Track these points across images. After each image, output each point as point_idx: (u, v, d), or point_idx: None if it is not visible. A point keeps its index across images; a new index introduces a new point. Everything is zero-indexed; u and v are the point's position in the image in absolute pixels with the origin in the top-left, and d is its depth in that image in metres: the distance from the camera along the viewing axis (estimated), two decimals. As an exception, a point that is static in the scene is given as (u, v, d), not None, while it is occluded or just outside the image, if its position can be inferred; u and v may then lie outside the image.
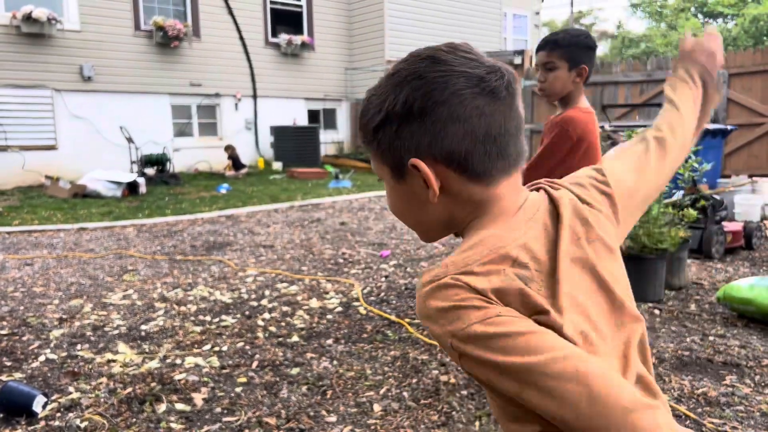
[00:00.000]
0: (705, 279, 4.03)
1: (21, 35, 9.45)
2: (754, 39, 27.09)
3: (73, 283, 4.19)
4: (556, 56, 2.08)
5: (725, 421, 2.16)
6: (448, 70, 0.75)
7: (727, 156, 7.87)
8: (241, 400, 2.38)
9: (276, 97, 12.56)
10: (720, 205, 4.73)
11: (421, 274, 0.74)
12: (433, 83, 0.75)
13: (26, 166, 9.55)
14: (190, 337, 3.09)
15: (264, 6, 12.29)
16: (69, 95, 10.03)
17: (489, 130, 0.74)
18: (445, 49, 0.77)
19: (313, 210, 7.42)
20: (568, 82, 2.10)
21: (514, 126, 0.77)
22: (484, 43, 14.23)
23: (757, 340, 2.92)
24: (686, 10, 33.97)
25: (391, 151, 0.78)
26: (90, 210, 7.30)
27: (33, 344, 3.03)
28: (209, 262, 4.75)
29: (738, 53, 8.08)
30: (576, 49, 2.08)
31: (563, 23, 36.86)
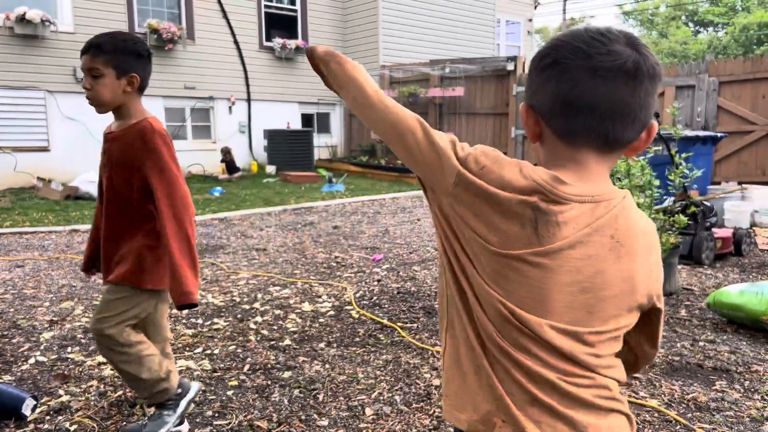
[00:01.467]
0: (695, 285, 4.07)
1: (14, 36, 9.40)
2: (744, 47, 27.38)
3: (64, 285, 4.17)
4: (100, 62, 1.89)
5: (715, 426, 2.17)
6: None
7: (717, 163, 7.94)
8: (232, 404, 2.38)
9: (270, 100, 12.56)
10: (710, 212, 4.77)
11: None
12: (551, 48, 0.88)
13: (18, 168, 9.49)
14: (181, 340, 3.08)
15: (258, 10, 12.30)
16: (62, 97, 9.98)
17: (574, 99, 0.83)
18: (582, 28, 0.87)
19: (306, 213, 7.42)
20: (118, 92, 1.93)
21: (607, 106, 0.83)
22: (477, 48, 14.31)
23: (747, 346, 2.94)
24: (677, 18, 34.31)
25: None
26: (82, 212, 7.26)
27: (23, 347, 3.00)
28: (201, 265, 4.74)
29: (728, 61, 8.16)
30: (122, 56, 1.90)
31: (555, 30, 37.11)
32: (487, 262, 0.84)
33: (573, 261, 0.82)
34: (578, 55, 0.82)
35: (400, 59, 12.73)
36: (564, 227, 0.82)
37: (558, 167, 0.86)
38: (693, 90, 8.31)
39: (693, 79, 8.29)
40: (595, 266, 0.83)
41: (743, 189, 6.41)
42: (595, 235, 0.83)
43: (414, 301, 3.75)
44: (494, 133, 10.91)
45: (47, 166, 9.68)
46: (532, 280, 0.82)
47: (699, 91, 8.23)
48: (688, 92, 8.37)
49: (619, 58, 0.81)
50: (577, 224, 0.82)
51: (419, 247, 5.39)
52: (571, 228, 0.82)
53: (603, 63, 0.81)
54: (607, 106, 0.82)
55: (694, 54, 28.40)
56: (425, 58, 12.68)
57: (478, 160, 0.86)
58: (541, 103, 0.87)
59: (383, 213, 7.50)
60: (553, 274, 0.82)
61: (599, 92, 0.81)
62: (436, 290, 3.98)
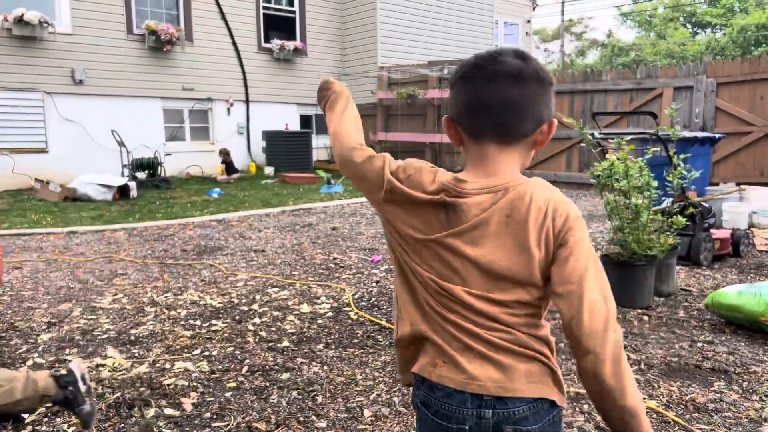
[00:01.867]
0: (693, 286, 4.07)
1: (12, 38, 9.40)
2: (742, 49, 27.44)
3: (63, 287, 4.16)
4: None
5: (713, 427, 2.17)
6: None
7: (715, 164, 7.95)
8: (230, 405, 2.37)
9: (268, 102, 12.56)
10: (708, 213, 4.78)
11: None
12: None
13: (16, 169, 9.47)
14: (179, 341, 3.08)
15: (257, 11, 12.31)
16: (60, 98, 9.97)
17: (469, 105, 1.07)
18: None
19: (305, 215, 7.41)
20: None
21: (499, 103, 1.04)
22: (476, 50, 14.18)
23: (745, 347, 2.95)
24: (675, 19, 34.37)
25: None
26: (80, 213, 7.25)
27: (21, 348, 3.00)
28: (200, 267, 4.73)
29: (726, 63, 8.18)
30: None
31: (554, 31, 37.17)
32: (418, 248, 1.08)
33: (477, 238, 1.04)
34: (477, 69, 1.05)
35: (399, 60, 12.74)
36: (468, 213, 1.04)
37: (469, 167, 1.09)
38: (691, 91, 8.33)
39: (691, 80, 8.30)
40: (495, 241, 1.03)
41: (741, 190, 6.42)
42: (494, 216, 1.03)
43: (412, 302, 3.74)
44: (493, 135, 10.91)
45: (45, 167, 9.66)
46: (449, 257, 1.05)
47: (697, 93, 8.25)
48: (686, 93, 8.38)
49: (507, 66, 1.03)
50: (478, 209, 1.04)
51: (418, 248, 5.39)
52: (473, 213, 1.04)
53: (494, 71, 1.03)
54: (501, 104, 1.03)
55: (692, 55, 28.46)
56: (423, 59, 12.69)
57: (405, 170, 1.10)
58: (455, 111, 1.08)
59: (382, 214, 7.49)
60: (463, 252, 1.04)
61: (493, 94, 1.03)
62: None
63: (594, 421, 2.22)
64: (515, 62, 1.03)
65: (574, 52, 38.23)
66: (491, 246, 1.03)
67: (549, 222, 1.03)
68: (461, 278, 1.05)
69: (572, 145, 9.59)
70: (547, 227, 1.02)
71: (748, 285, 3.25)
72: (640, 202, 3.58)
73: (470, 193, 1.05)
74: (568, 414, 2.27)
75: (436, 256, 1.07)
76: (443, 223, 1.05)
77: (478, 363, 1.04)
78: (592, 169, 3.73)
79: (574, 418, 2.25)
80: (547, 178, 7.87)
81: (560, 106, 9.75)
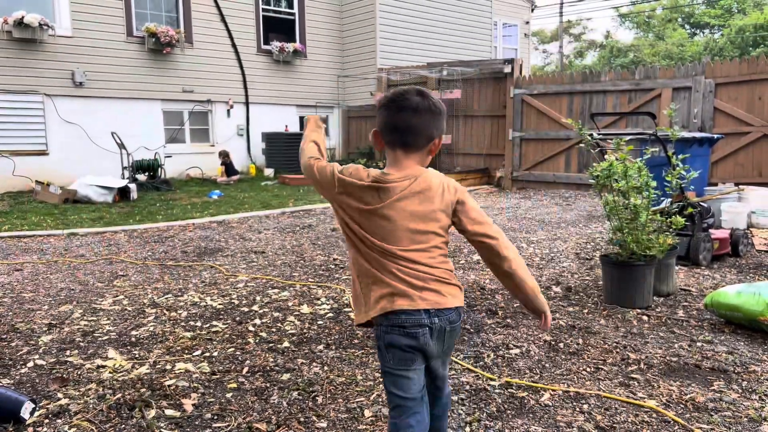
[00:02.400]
0: (692, 286, 4.08)
1: (12, 40, 9.41)
2: (740, 49, 27.47)
3: (63, 288, 4.17)
4: None
5: (713, 426, 2.18)
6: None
7: (714, 164, 7.96)
8: (231, 406, 2.38)
9: (268, 103, 12.58)
10: (707, 213, 4.79)
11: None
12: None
13: (16, 172, 9.48)
14: (180, 342, 3.09)
15: (256, 13, 12.33)
16: (60, 101, 9.99)
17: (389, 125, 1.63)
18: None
19: (305, 216, 7.42)
20: None
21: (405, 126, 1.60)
22: (475, 51, 14.35)
23: (744, 346, 2.95)
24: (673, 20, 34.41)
25: None
26: (81, 215, 7.26)
27: (21, 350, 3.00)
28: (200, 268, 4.74)
29: (724, 63, 8.19)
30: None
31: (552, 32, 37.20)
32: (364, 218, 1.59)
33: (400, 209, 1.57)
34: (392, 103, 1.61)
35: (398, 62, 12.76)
36: (393, 191, 1.57)
37: (389, 166, 1.63)
38: (689, 92, 8.34)
39: (689, 81, 8.32)
40: (413, 209, 1.58)
41: (740, 190, 6.43)
42: (409, 194, 1.58)
43: (412, 303, 3.75)
44: (492, 135, 10.93)
45: (45, 169, 9.68)
46: (383, 223, 1.57)
47: (695, 93, 8.26)
48: (685, 94, 8.40)
49: (409, 102, 1.59)
50: (399, 189, 1.57)
51: (418, 249, 5.40)
52: (397, 191, 1.57)
53: (401, 105, 1.59)
54: (405, 128, 1.60)
55: (690, 56, 28.48)
56: (422, 60, 12.71)
57: (347, 170, 1.62)
58: (380, 127, 1.64)
59: (381, 215, 7.50)
60: (392, 218, 1.57)
61: (400, 120, 1.60)
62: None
63: (594, 421, 2.23)
64: (416, 99, 1.59)
65: (572, 53, 38.26)
66: (411, 212, 1.58)
67: (446, 193, 1.62)
68: (395, 238, 1.58)
69: (571, 146, 9.60)
70: (446, 197, 1.62)
71: (747, 285, 3.26)
72: (639, 202, 3.59)
73: (393, 180, 1.58)
74: (568, 414, 2.28)
75: (376, 223, 1.58)
76: (378, 199, 1.57)
77: (421, 292, 1.58)
78: (591, 169, 3.74)
79: (574, 418, 2.25)
80: (546, 178, 7.92)
81: (559, 107, 9.77)
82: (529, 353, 2.90)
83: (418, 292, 1.56)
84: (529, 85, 10.12)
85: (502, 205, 8.40)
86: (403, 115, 1.58)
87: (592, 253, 5.15)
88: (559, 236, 5.96)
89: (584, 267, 4.67)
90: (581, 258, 4.98)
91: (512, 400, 2.41)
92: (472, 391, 2.49)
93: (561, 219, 7.04)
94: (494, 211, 7.81)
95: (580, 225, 6.64)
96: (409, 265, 1.57)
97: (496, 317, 3.46)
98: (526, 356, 2.86)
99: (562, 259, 4.96)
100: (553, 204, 8.38)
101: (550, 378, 2.61)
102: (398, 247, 1.56)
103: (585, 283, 4.17)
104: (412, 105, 1.58)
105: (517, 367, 2.72)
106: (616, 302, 3.62)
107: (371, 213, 1.57)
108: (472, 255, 5.12)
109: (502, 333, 3.18)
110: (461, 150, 11.40)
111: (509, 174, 10.38)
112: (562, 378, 2.61)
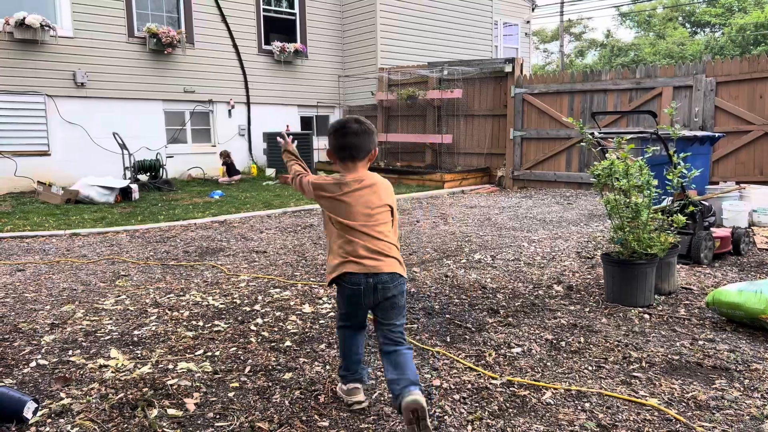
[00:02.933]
0: (694, 284, 4.08)
1: (14, 41, 9.43)
2: (741, 48, 27.44)
3: (65, 288, 4.18)
4: None
5: (715, 424, 2.18)
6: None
7: (715, 163, 7.95)
8: (233, 405, 2.38)
9: (269, 103, 12.59)
10: (708, 211, 4.79)
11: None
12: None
13: (18, 172, 9.50)
14: (182, 342, 3.09)
15: (257, 13, 12.34)
16: (62, 101, 10.01)
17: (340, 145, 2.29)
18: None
19: (306, 216, 7.43)
20: None
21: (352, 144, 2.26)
22: (475, 51, 14.34)
23: (746, 344, 2.95)
24: (674, 19, 34.38)
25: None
26: (83, 216, 7.27)
27: (24, 350, 3.01)
28: (202, 268, 4.75)
29: (725, 62, 8.19)
30: None
31: (553, 32, 37.17)
32: (333, 205, 2.23)
33: (356, 197, 2.20)
34: (340, 130, 2.26)
35: (399, 62, 12.76)
36: (350, 185, 2.22)
37: (342, 172, 2.26)
38: (690, 90, 8.34)
39: (690, 80, 8.31)
40: (365, 198, 2.21)
41: (741, 188, 6.43)
42: (361, 188, 2.22)
43: (414, 302, 3.76)
44: (493, 135, 10.93)
45: (47, 170, 9.70)
46: (345, 207, 2.20)
47: (696, 92, 8.26)
48: (686, 92, 8.39)
49: (351, 129, 2.24)
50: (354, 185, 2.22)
51: (418, 248, 5.40)
52: (353, 186, 2.21)
53: (345, 132, 2.24)
54: (350, 147, 2.23)
55: (691, 55, 28.44)
56: (423, 60, 12.71)
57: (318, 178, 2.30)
58: (333, 149, 2.28)
59: (383, 215, 7.50)
60: (351, 203, 2.20)
61: (346, 141, 2.23)
62: (436, 291, 3.99)
63: (595, 420, 2.23)
64: (355, 126, 2.25)
65: (573, 53, 38.22)
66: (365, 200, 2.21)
67: (386, 188, 2.29)
68: (353, 217, 2.20)
69: (572, 145, 9.60)
70: (386, 190, 2.28)
71: (749, 283, 3.26)
72: (640, 200, 3.59)
73: (349, 180, 2.24)
74: (569, 412, 2.28)
75: (340, 208, 2.22)
76: (339, 190, 2.22)
77: (367, 259, 2.18)
78: (592, 168, 3.74)
79: (576, 417, 2.26)
80: (546, 177, 7.94)
81: (560, 106, 9.76)
82: (531, 352, 2.90)
83: (364, 260, 2.17)
84: (530, 84, 10.12)
85: (503, 204, 8.40)
86: (348, 139, 2.23)
87: (593, 251, 5.15)
88: (560, 235, 5.96)
89: (585, 266, 4.67)
90: (582, 257, 4.98)
91: (514, 398, 2.41)
92: (474, 389, 2.49)
93: (562, 218, 7.04)
94: (495, 210, 7.81)
95: (581, 224, 6.64)
96: (364, 238, 2.18)
97: (498, 316, 3.46)
98: (527, 355, 2.86)
99: (564, 258, 4.96)
100: (554, 203, 8.38)
101: (552, 376, 2.61)
102: (357, 223, 2.19)
103: (586, 282, 4.17)
104: (353, 130, 2.24)
105: (518, 366, 2.73)
106: (618, 301, 3.62)
107: (334, 199, 2.23)
108: (473, 254, 5.12)
109: (503, 332, 3.19)
110: (462, 149, 11.40)
111: (510, 173, 10.38)
112: (563, 376, 2.61)
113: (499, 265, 4.73)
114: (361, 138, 2.23)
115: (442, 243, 5.65)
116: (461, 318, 3.43)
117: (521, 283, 4.19)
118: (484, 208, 7.99)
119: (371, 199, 2.21)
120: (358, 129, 2.23)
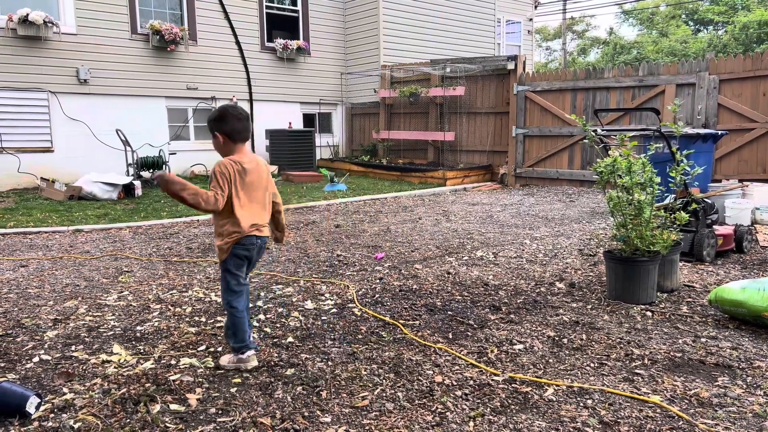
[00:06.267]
0: (696, 281, 4.07)
1: (17, 38, 9.44)
2: (744, 46, 27.33)
3: (68, 284, 4.19)
4: None
5: (718, 422, 2.18)
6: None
7: (718, 160, 7.93)
8: (235, 401, 2.39)
9: (272, 101, 12.58)
10: (711, 209, 4.78)
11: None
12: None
13: (22, 169, 9.52)
14: (185, 337, 3.10)
15: (260, 11, 12.32)
16: (65, 98, 10.01)
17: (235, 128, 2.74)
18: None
19: (309, 213, 7.43)
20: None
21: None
22: (478, 48, 14.31)
23: (749, 342, 2.95)
24: (677, 17, 34.26)
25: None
26: (86, 212, 7.28)
27: (27, 345, 3.02)
28: (205, 264, 4.75)
29: (728, 59, 8.16)
30: None
31: (556, 30, 37.07)
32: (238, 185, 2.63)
33: (252, 176, 2.67)
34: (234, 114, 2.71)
35: (401, 59, 12.74)
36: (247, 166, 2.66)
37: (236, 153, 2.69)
38: (693, 88, 8.31)
39: (693, 77, 8.28)
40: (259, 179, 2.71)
41: (744, 186, 6.41)
42: (255, 169, 2.70)
43: (416, 298, 3.76)
44: (495, 132, 10.91)
45: (51, 166, 9.71)
46: (247, 187, 2.66)
47: (699, 89, 8.23)
48: (689, 90, 8.36)
49: (241, 113, 2.72)
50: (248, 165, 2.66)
51: (421, 245, 5.40)
52: (248, 167, 2.65)
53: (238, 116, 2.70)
54: (246, 128, 2.72)
55: (694, 53, 28.35)
56: (426, 57, 12.69)
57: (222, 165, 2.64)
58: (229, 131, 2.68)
59: (385, 212, 7.51)
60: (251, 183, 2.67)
61: (242, 124, 2.70)
62: (438, 288, 3.99)
63: (598, 416, 2.23)
64: (243, 112, 2.71)
65: (575, 50, 38.12)
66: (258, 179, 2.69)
67: (267, 167, 2.79)
68: (252, 195, 2.66)
69: (574, 143, 9.58)
70: (267, 170, 2.77)
71: (752, 281, 3.25)
72: (642, 198, 3.59)
73: (246, 162, 2.64)
74: (572, 409, 2.28)
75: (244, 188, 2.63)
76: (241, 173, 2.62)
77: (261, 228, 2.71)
78: (594, 165, 3.73)
79: (578, 413, 2.26)
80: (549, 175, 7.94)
81: (562, 104, 9.74)
82: (533, 348, 2.90)
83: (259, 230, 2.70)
84: (533, 81, 10.10)
85: (505, 201, 8.39)
86: (244, 122, 2.68)
87: (595, 249, 5.15)
88: (562, 232, 5.96)
89: (588, 263, 4.66)
90: (585, 254, 4.97)
91: (516, 395, 2.41)
92: (476, 386, 2.49)
93: (564, 215, 7.03)
94: (497, 207, 7.80)
95: (583, 221, 6.63)
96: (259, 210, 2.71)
97: (500, 313, 3.46)
98: (529, 351, 2.86)
99: (566, 255, 4.96)
100: (557, 200, 8.37)
101: (554, 373, 2.62)
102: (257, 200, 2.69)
103: (589, 279, 4.17)
104: (244, 115, 2.70)
105: (520, 363, 2.73)
106: (620, 298, 3.62)
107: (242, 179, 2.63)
108: (475, 251, 5.12)
109: (505, 328, 3.19)
110: (464, 147, 11.39)
111: (512, 171, 10.36)
112: (566, 373, 2.61)
113: (501, 262, 4.73)
114: (248, 122, 2.72)
115: (444, 240, 5.65)
116: (463, 315, 3.43)
117: (523, 280, 4.18)
118: (486, 206, 7.98)
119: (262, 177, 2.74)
120: (243, 114, 2.70)
